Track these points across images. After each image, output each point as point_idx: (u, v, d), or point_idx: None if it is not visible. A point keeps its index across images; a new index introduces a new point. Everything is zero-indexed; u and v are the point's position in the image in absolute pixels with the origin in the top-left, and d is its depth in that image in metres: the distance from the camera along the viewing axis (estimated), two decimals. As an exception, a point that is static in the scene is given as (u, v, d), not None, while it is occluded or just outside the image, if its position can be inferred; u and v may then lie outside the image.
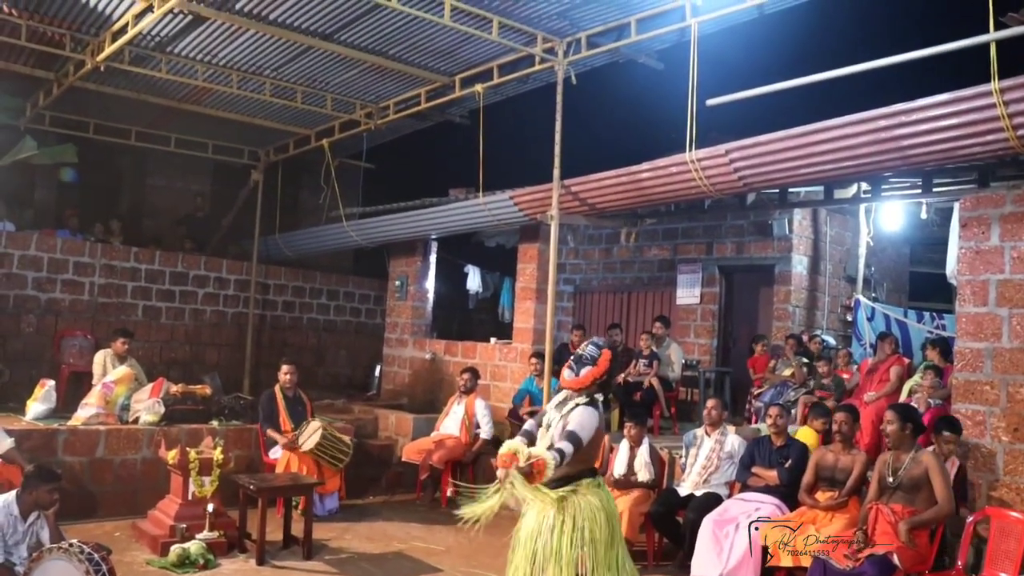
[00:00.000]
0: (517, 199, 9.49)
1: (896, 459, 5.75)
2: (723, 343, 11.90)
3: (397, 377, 12.46)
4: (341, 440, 8.34)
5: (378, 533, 7.74)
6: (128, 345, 9.18)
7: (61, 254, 11.48)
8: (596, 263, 13.54)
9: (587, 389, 4.62)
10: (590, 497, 4.49)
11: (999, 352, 6.10)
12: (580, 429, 4.45)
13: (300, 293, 14.05)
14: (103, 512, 7.69)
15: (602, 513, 4.49)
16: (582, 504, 4.46)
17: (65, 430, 7.76)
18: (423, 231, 11.45)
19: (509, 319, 13.03)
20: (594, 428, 4.52)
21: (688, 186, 7.81)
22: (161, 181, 14.56)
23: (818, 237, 11.40)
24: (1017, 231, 6.05)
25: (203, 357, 12.78)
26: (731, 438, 7.20)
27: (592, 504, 4.48)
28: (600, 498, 4.53)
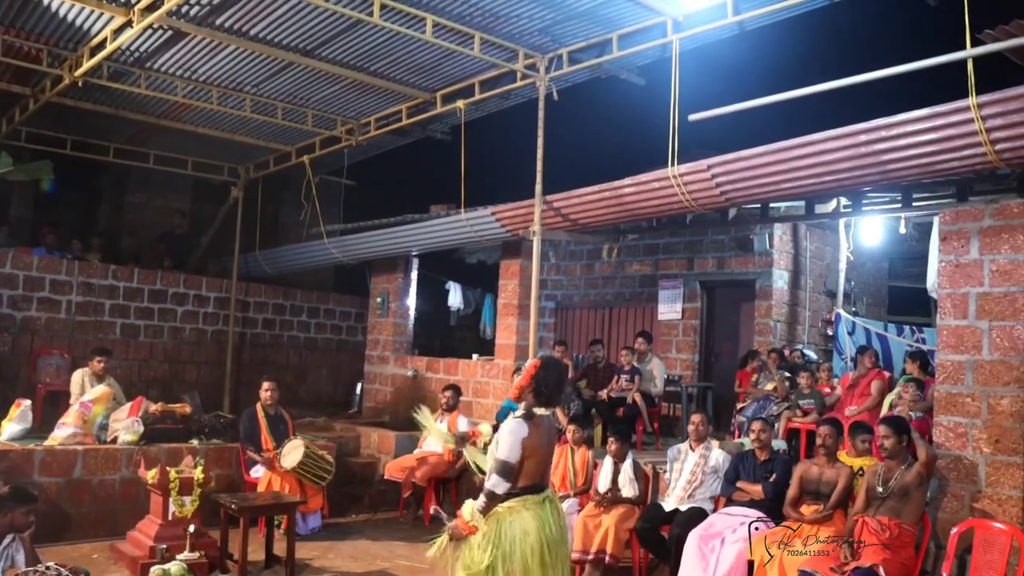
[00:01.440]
0: (499, 215, 9.49)
1: (888, 470, 5.78)
2: (705, 358, 11.93)
3: (379, 394, 12.38)
4: (323, 458, 8.26)
5: (361, 551, 7.67)
6: (105, 364, 9.07)
7: (37, 272, 11.38)
8: (578, 279, 13.55)
9: (520, 401, 4.56)
10: (524, 513, 4.36)
11: (980, 364, 6.13)
12: (499, 451, 4.40)
13: (281, 311, 13.97)
14: (81, 534, 7.57)
15: (531, 532, 4.34)
16: (510, 520, 4.36)
17: (42, 450, 7.64)
18: (404, 247, 11.43)
19: (491, 336, 13.01)
20: (517, 443, 4.36)
21: (670, 201, 7.84)
22: (140, 198, 14.50)
23: (798, 252, 11.47)
24: (996, 244, 6.10)
25: (183, 376, 12.67)
26: (715, 452, 7.19)
27: (522, 521, 4.35)
28: (535, 515, 4.38)
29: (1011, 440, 5.94)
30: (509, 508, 4.38)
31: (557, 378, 4.64)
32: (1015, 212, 6.02)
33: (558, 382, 4.64)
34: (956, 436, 6.20)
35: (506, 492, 4.38)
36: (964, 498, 6.10)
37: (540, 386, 4.52)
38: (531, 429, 4.44)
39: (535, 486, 4.46)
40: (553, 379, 4.59)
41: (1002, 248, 6.04)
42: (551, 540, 4.40)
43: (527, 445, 4.41)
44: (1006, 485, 5.93)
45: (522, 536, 4.33)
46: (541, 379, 4.53)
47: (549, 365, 4.67)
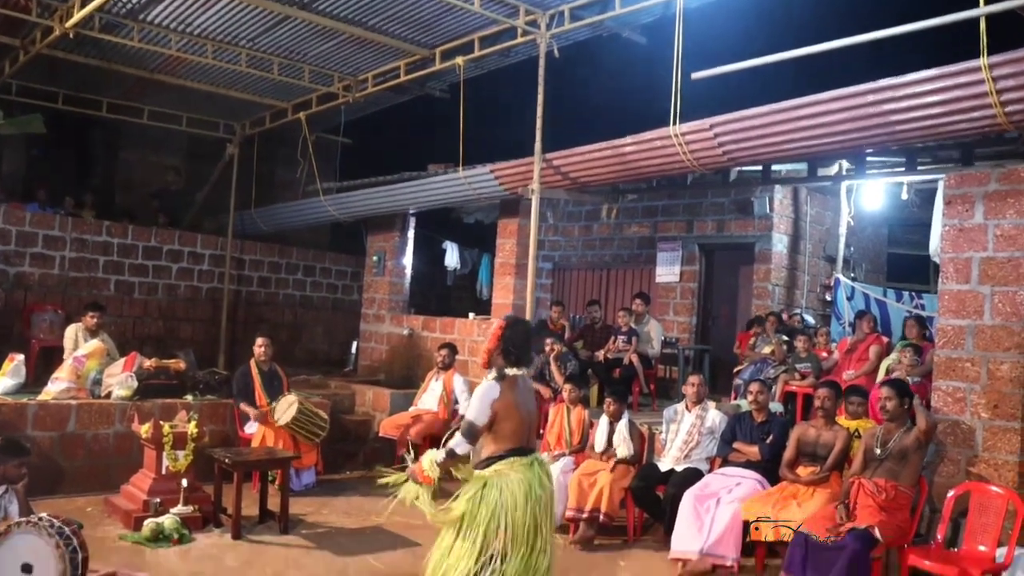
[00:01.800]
0: (498, 173, 9.39)
1: (887, 432, 5.77)
2: (703, 321, 11.91)
3: (374, 353, 12.35)
4: (317, 414, 8.23)
5: (355, 508, 7.67)
6: (99, 319, 9.00)
7: (30, 227, 11.27)
8: (576, 240, 13.49)
9: (491, 366, 4.47)
10: (512, 476, 4.29)
11: (980, 329, 6.10)
12: (468, 413, 4.36)
13: (276, 269, 13.90)
14: (75, 487, 7.54)
15: (519, 495, 4.25)
16: (498, 484, 4.28)
17: (35, 404, 7.59)
18: (401, 205, 11.33)
19: (487, 296, 12.96)
20: (486, 406, 4.29)
21: (672, 160, 7.74)
22: (134, 155, 14.36)
23: (798, 216, 11.41)
24: (1001, 209, 6.03)
25: (177, 333, 12.62)
26: (712, 414, 7.18)
27: (510, 484, 4.28)
28: (523, 478, 4.30)
29: (1010, 405, 5.92)
30: (497, 472, 4.32)
31: (523, 336, 4.53)
32: (1022, 176, 5.94)
33: (525, 340, 4.52)
34: (955, 401, 6.18)
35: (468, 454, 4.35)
36: (960, 462, 6.10)
37: (507, 346, 4.43)
38: (503, 390, 4.35)
39: (520, 449, 4.38)
40: (519, 337, 4.50)
41: (1007, 213, 5.98)
42: (540, 502, 4.33)
43: (498, 407, 4.32)
44: (1003, 450, 5.92)
45: (511, 500, 4.26)
46: (507, 339, 4.45)
47: (513, 323, 4.60)
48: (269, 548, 6.31)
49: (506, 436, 4.37)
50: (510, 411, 4.35)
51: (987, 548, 5.31)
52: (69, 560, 4.69)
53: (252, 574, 5.70)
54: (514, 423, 4.37)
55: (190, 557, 5.98)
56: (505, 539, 4.22)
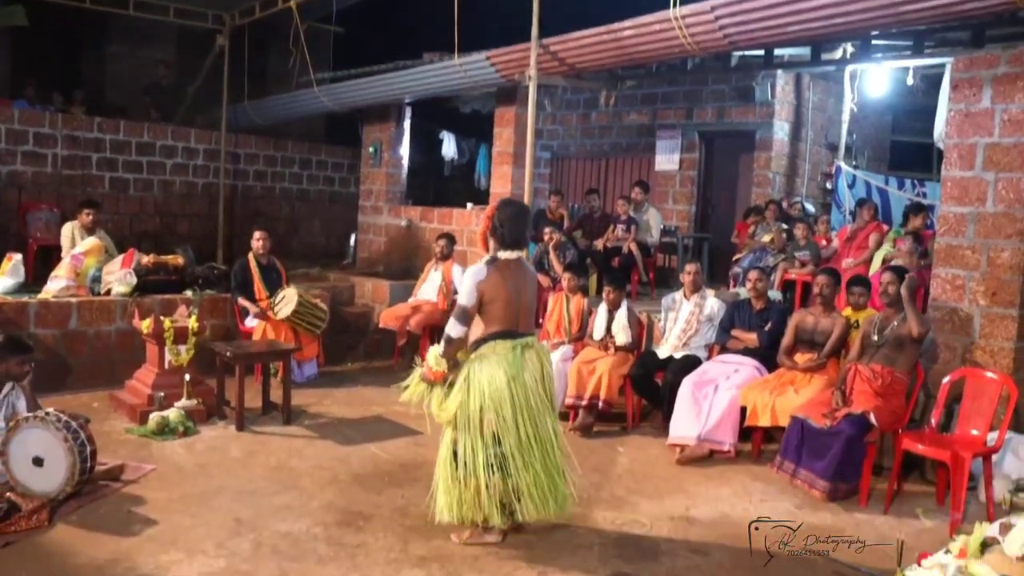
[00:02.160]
0: (494, 59, 9.15)
1: (885, 319, 5.79)
2: (702, 209, 11.85)
3: (372, 245, 12.32)
4: (317, 306, 8.25)
5: (357, 398, 7.78)
6: (94, 216, 8.93)
7: (19, 125, 11.05)
8: (574, 129, 13.30)
9: (488, 249, 4.54)
10: (492, 359, 4.35)
11: (983, 217, 6.04)
12: (459, 297, 4.43)
13: (272, 162, 13.74)
14: (80, 384, 7.63)
15: (498, 378, 4.31)
16: (479, 367, 4.37)
17: (36, 303, 7.59)
18: (397, 94, 11.09)
19: (485, 186, 12.86)
20: (472, 288, 4.35)
21: (671, 45, 7.52)
22: (122, 49, 14.03)
23: (800, 103, 11.21)
24: (1010, 93, 5.88)
25: (174, 229, 12.56)
26: (711, 301, 7.20)
27: (489, 367, 4.34)
28: (503, 360, 4.34)
29: (1008, 293, 5.92)
30: (479, 355, 4.40)
31: (514, 215, 4.54)
32: (1033, 58, 5.78)
33: (515, 218, 4.52)
34: (953, 288, 6.18)
35: (464, 339, 4.44)
36: (957, 349, 6.13)
37: (497, 226, 4.47)
38: (491, 273, 4.41)
39: (506, 332, 4.43)
40: (509, 216, 4.50)
41: (1016, 96, 5.83)
42: (527, 386, 4.37)
43: (485, 289, 4.38)
44: (999, 337, 5.95)
45: (489, 382, 4.33)
46: (497, 219, 4.49)
47: (504, 204, 4.63)
48: (272, 439, 6.42)
49: (492, 319, 4.44)
50: (497, 293, 4.40)
51: (979, 432, 5.39)
52: (78, 453, 4.80)
53: (257, 464, 5.80)
54: (500, 306, 4.42)
55: (196, 449, 6.08)
56: (497, 423, 4.29)
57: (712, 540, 4.78)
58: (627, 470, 6.00)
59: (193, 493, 5.18)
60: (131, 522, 4.70)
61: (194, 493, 5.18)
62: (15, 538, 4.40)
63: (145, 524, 4.67)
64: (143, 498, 5.05)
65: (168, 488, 5.24)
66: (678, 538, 4.79)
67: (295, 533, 4.64)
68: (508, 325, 4.45)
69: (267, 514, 4.89)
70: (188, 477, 5.47)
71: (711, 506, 5.33)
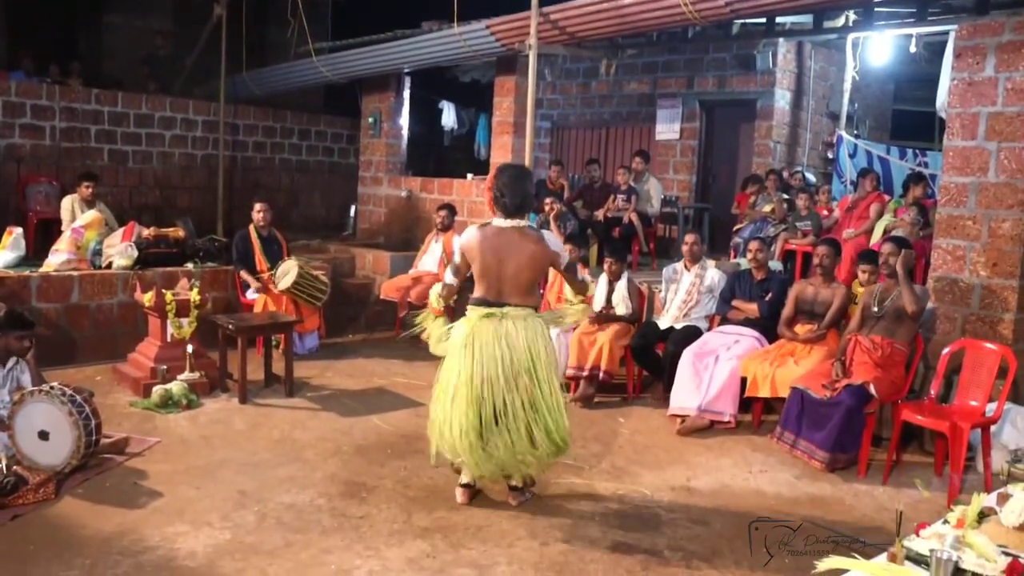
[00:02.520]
0: (494, 28, 9.09)
1: (885, 290, 5.80)
2: (703, 179, 11.82)
3: (373, 216, 12.30)
4: (318, 278, 8.26)
5: (359, 370, 7.81)
6: (94, 189, 8.92)
7: (16, 97, 10.93)
8: (574, 98, 13.23)
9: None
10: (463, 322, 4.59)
11: (984, 187, 6.02)
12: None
13: (271, 133, 13.66)
14: (83, 357, 7.65)
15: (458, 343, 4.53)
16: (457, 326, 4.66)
17: (37, 276, 7.59)
18: (396, 64, 11.02)
19: (485, 156, 12.81)
20: (458, 248, 4.68)
21: (672, 13, 7.47)
22: (118, 19, 13.89)
23: (802, 72, 11.14)
24: (1014, 61, 5.84)
25: (174, 201, 12.51)
26: (711, 272, 7.20)
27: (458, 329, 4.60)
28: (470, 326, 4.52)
29: (1009, 263, 5.92)
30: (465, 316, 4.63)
31: (512, 179, 4.58)
32: (1038, 25, 5.73)
33: (514, 182, 4.56)
34: (954, 259, 6.17)
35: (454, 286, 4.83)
36: (957, 320, 6.14)
37: (496, 193, 4.55)
38: (476, 236, 4.57)
39: (482, 299, 4.58)
40: (507, 182, 4.55)
41: (1020, 65, 5.79)
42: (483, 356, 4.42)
43: (466, 250, 4.63)
44: (999, 308, 5.96)
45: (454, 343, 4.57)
46: (497, 189, 4.56)
47: (501, 170, 4.69)
48: (275, 411, 6.46)
49: (477, 284, 4.65)
50: (473, 257, 4.59)
51: (978, 403, 5.41)
52: (83, 426, 4.84)
53: (260, 436, 5.84)
54: (477, 271, 4.61)
55: (199, 422, 6.12)
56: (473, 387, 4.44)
57: (712, 509, 4.82)
58: (628, 441, 6.04)
59: (197, 465, 5.22)
60: (136, 495, 4.74)
61: (198, 465, 5.22)
62: (23, 511, 4.45)
63: (150, 496, 4.72)
64: (148, 471, 5.09)
65: (172, 461, 5.28)
66: (679, 508, 4.83)
67: (299, 505, 4.68)
68: (484, 292, 4.60)
69: (271, 486, 4.93)
70: (192, 449, 5.51)
71: (711, 476, 5.37)
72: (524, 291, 4.58)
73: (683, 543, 4.38)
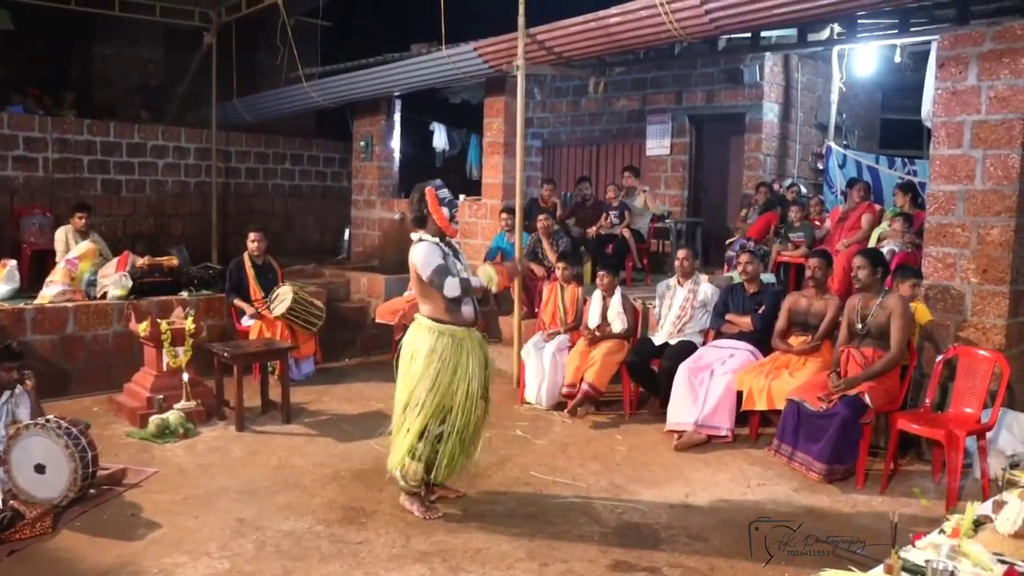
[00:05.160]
0: (481, 50, 9.15)
1: (865, 305, 5.78)
2: (694, 193, 11.86)
3: (367, 239, 12.34)
4: (313, 303, 8.27)
5: (356, 394, 7.81)
6: (87, 219, 8.96)
7: (9, 130, 11.01)
8: (564, 116, 13.30)
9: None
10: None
11: (972, 194, 6.06)
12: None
13: (263, 159, 13.72)
14: (79, 388, 7.65)
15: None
16: None
17: (32, 309, 7.60)
18: (386, 88, 11.08)
19: (477, 176, 12.86)
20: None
21: (658, 31, 7.53)
22: (110, 49, 13.97)
23: (789, 84, 11.21)
24: (995, 70, 5.90)
25: (168, 229, 12.55)
26: (704, 287, 7.22)
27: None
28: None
29: (998, 270, 5.95)
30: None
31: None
32: (1019, 34, 5.77)
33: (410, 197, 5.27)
34: (945, 267, 6.20)
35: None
36: (950, 327, 6.16)
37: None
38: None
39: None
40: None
41: (1002, 73, 5.84)
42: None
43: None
44: (991, 314, 5.98)
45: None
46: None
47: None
48: (273, 438, 6.45)
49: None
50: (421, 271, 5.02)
51: (973, 410, 5.42)
52: (79, 459, 4.83)
53: (258, 463, 5.84)
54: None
55: (197, 450, 6.12)
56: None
57: (711, 525, 4.82)
58: (626, 458, 6.04)
59: (195, 495, 5.21)
60: (135, 526, 4.73)
61: (196, 495, 5.21)
62: (20, 546, 4.44)
63: (149, 527, 4.71)
64: (146, 501, 5.08)
65: (170, 490, 5.27)
66: (677, 525, 4.83)
67: (298, 532, 4.68)
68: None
69: (269, 513, 4.92)
70: (190, 479, 5.51)
71: (710, 492, 5.37)
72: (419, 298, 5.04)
73: (682, 559, 4.38)
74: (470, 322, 4.92)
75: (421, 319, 4.92)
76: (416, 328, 4.93)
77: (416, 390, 4.76)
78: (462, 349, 4.82)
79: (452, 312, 4.85)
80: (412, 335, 4.91)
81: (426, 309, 4.92)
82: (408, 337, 4.94)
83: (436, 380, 4.72)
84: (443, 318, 4.84)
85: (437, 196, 4.93)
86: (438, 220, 4.90)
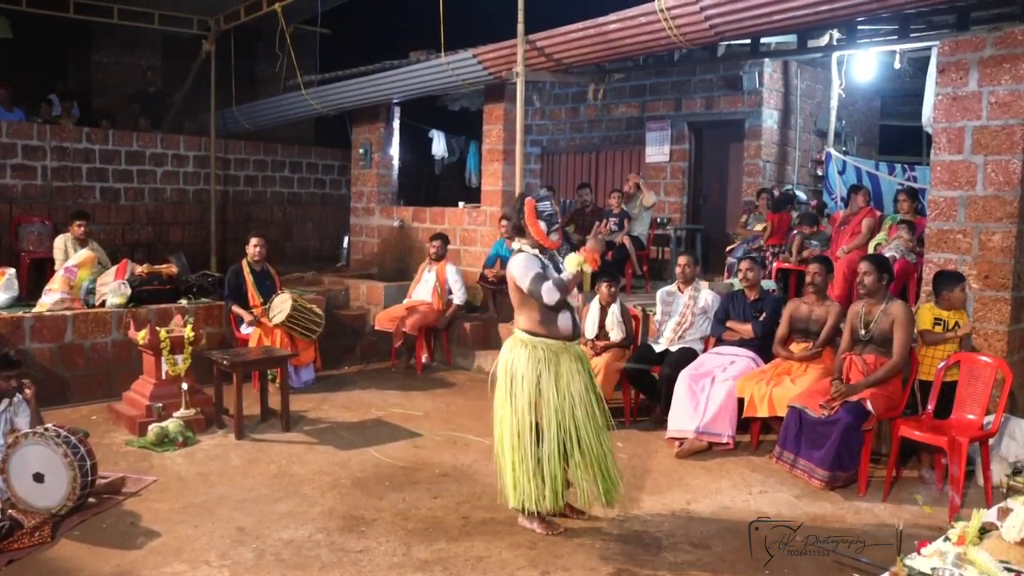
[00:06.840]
0: (481, 57, 9.15)
1: (868, 311, 5.76)
2: (694, 200, 11.86)
3: (366, 247, 12.32)
4: (312, 311, 8.26)
5: (355, 402, 7.78)
6: (86, 228, 8.95)
7: (8, 138, 11.00)
8: (563, 123, 13.30)
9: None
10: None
11: (973, 200, 6.06)
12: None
13: (262, 166, 13.72)
14: (78, 397, 7.62)
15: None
16: None
17: (31, 317, 7.56)
18: (385, 95, 11.08)
19: (476, 184, 12.86)
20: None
21: (657, 37, 7.53)
22: (108, 57, 13.99)
23: (788, 90, 11.21)
24: (996, 75, 5.90)
25: (167, 237, 12.55)
26: (704, 293, 7.20)
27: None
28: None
29: (1000, 275, 5.95)
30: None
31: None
32: (1019, 40, 5.78)
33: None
34: (946, 272, 6.18)
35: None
36: (951, 333, 6.14)
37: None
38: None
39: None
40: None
41: (1002, 79, 5.85)
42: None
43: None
44: (993, 320, 5.98)
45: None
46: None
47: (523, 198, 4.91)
48: (273, 446, 6.42)
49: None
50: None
51: (975, 416, 5.40)
52: (78, 467, 4.81)
53: (257, 471, 5.81)
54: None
55: (196, 459, 6.09)
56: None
57: (713, 533, 4.80)
58: (626, 465, 6.00)
59: (195, 503, 5.18)
60: (134, 535, 4.70)
61: (196, 503, 5.18)
62: (18, 555, 4.40)
63: (148, 536, 4.68)
64: (145, 510, 5.05)
65: (170, 499, 5.24)
66: (679, 532, 4.81)
67: (298, 540, 4.65)
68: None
69: (269, 522, 4.90)
70: (189, 487, 5.47)
71: (711, 499, 5.35)
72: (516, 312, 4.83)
73: (684, 567, 4.35)
74: (567, 336, 4.71)
75: (518, 333, 4.75)
76: (511, 343, 4.75)
77: (524, 409, 4.58)
78: (560, 362, 4.63)
79: (548, 325, 4.66)
80: (507, 351, 4.74)
81: (522, 321, 4.74)
82: (503, 356, 4.75)
83: (547, 393, 4.56)
84: (538, 331, 4.65)
85: (536, 209, 4.75)
86: (534, 233, 4.70)
